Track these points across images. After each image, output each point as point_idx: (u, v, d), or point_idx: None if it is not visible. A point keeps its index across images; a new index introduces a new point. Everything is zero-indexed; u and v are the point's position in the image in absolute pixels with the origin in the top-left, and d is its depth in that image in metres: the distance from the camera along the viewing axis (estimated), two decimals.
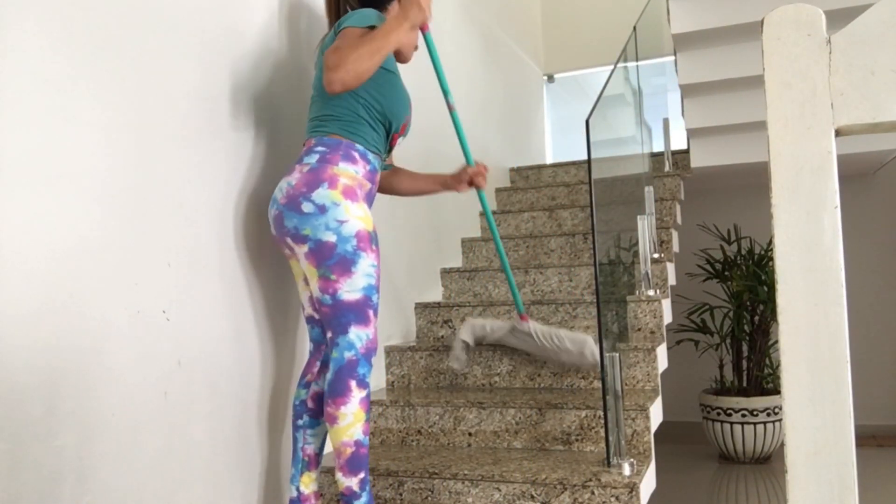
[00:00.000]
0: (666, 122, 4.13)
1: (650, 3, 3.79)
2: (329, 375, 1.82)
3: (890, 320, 4.47)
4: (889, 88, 0.68)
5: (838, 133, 0.70)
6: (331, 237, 1.79)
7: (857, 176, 4.51)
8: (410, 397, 2.44)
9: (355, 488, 1.82)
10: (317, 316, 1.97)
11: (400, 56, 2.08)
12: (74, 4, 1.50)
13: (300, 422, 1.97)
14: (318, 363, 1.99)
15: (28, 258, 1.38)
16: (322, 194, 1.80)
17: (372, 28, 1.85)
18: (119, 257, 1.58)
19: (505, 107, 4.38)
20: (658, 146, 4.10)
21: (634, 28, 3.38)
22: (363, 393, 1.81)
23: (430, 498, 2.04)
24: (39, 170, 1.41)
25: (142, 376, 1.63)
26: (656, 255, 3.05)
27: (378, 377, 2.71)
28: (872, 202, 4.54)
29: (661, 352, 2.53)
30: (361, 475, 1.83)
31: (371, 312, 1.84)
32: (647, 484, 1.99)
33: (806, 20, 0.70)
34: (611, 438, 1.94)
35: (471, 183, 2.24)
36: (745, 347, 4.02)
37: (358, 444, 1.81)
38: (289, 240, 1.84)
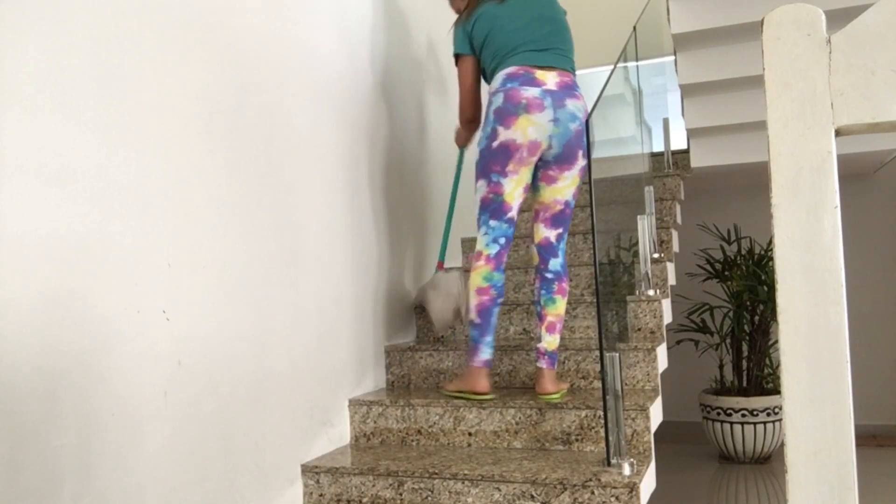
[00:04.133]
0: (666, 122, 4.13)
1: (650, 3, 3.79)
2: (561, 259, 2.35)
3: (890, 320, 4.47)
4: (889, 88, 0.68)
5: (838, 133, 0.70)
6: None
7: (857, 176, 4.51)
8: (411, 397, 2.44)
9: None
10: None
11: None
12: (76, 4, 1.50)
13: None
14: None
15: (28, 258, 1.38)
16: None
17: None
18: (119, 257, 1.58)
19: None
20: (658, 146, 4.10)
21: (634, 28, 3.38)
22: None
23: (430, 498, 2.04)
24: (39, 170, 1.41)
25: (142, 376, 1.63)
26: (656, 255, 3.04)
27: (378, 377, 2.71)
28: (872, 202, 4.54)
29: (661, 352, 2.53)
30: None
31: None
32: (647, 484, 1.99)
33: (806, 20, 0.70)
34: (611, 438, 1.94)
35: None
36: (745, 347, 4.02)
37: None
38: (580, 152, 2.25)
